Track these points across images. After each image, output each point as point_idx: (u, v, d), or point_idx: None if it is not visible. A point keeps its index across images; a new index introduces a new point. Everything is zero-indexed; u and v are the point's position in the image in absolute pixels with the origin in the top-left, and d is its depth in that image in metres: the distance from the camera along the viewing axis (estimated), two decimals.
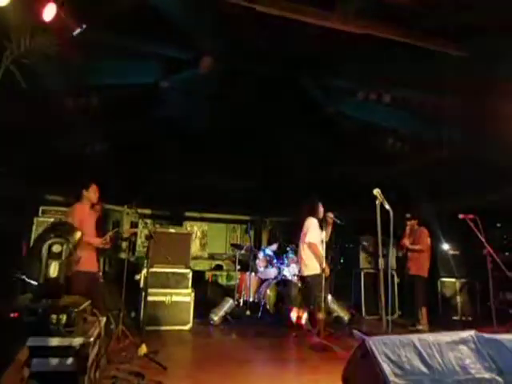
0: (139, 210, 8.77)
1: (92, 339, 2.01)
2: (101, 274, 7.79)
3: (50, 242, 2.22)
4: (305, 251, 5.04)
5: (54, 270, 2.17)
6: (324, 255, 4.83)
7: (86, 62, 5.09)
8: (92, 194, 4.28)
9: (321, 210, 5.16)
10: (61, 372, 1.88)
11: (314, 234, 5.01)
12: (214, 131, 7.19)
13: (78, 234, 2.59)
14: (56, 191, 7.60)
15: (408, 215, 5.86)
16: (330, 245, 6.00)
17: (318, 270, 4.92)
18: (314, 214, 5.11)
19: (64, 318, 1.94)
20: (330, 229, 5.20)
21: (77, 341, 1.92)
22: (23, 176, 6.58)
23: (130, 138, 7.30)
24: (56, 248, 2.21)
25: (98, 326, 2.26)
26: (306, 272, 5.02)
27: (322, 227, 5.13)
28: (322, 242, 4.97)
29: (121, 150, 7.46)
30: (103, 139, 7.18)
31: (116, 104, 6.10)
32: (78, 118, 6.06)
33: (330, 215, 5.08)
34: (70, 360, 1.88)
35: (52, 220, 6.24)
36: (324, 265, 4.86)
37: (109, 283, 6.52)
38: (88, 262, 3.87)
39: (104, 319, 2.41)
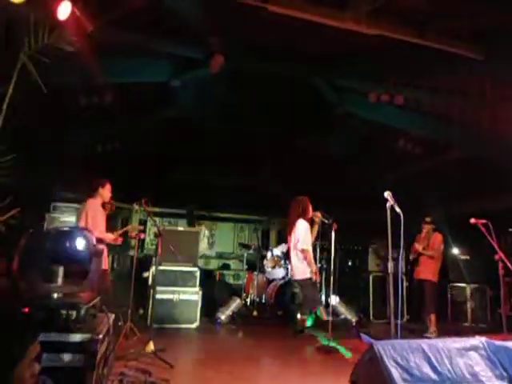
0: (148, 208, 8.82)
1: (101, 336, 2.02)
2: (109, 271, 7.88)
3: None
4: (298, 256, 4.98)
5: None
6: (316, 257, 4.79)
7: (99, 60, 5.14)
8: (107, 192, 4.37)
9: (310, 209, 5.10)
10: (69, 368, 1.89)
11: (307, 239, 4.94)
12: (224, 131, 7.22)
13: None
14: (67, 188, 7.69)
15: (428, 219, 5.72)
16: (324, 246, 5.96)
17: (307, 274, 4.90)
18: (305, 215, 5.04)
19: (74, 314, 1.96)
20: (316, 228, 5.16)
21: (86, 337, 1.93)
22: (35, 171, 6.67)
23: (141, 136, 7.37)
24: None
25: (107, 322, 2.27)
26: (297, 276, 5.00)
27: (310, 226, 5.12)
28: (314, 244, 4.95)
29: (132, 148, 7.53)
30: (115, 137, 7.25)
31: (129, 102, 6.16)
32: (91, 115, 6.13)
33: (318, 215, 5.00)
34: (78, 356, 1.89)
35: (62, 217, 6.33)
36: (315, 270, 4.87)
37: (117, 280, 6.58)
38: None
39: (113, 316, 2.42)
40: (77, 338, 1.92)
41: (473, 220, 4.55)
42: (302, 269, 4.93)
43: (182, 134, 7.39)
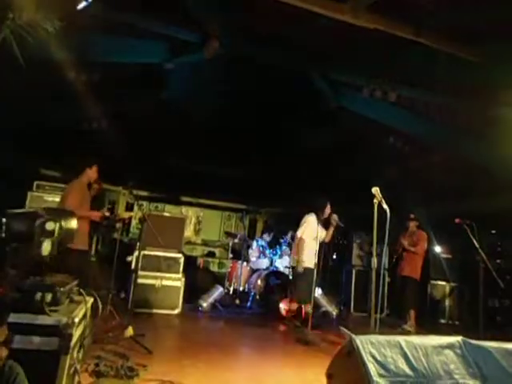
0: (135, 192, 8.72)
1: (77, 319, 1.98)
2: (92, 253, 7.80)
3: (43, 219, 2.16)
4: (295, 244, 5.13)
5: (46, 247, 2.12)
6: (316, 251, 4.82)
7: (90, 37, 5.00)
8: (94, 173, 4.31)
9: (327, 210, 5.18)
10: (42, 351, 1.85)
11: (308, 229, 5.05)
12: (216, 118, 7.13)
13: (74, 222, 2.53)
14: (52, 166, 7.53)
15: (412, 215, 5.86)
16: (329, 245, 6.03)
17: (305, 264, 4.96)
18: (319, 213, 5.12)
19: (49, 296, 1.91)
20: (331, 230, 5.22)
21: (61, 320, 1.89)
22: (18, 148, 6.50)
23: (130, 117, 7.23)
24: (49, 226, 2.16)
25: (85, 305, 2.23)
26: (294, 264, 5.11)
27: (325, 227, 5.17)
28: (317, 238, 4.97)
29: (120, 129, 7.39)
30: (103, 117, 7.09)
31: (119, 82, 6.02)
32: (79, 93, 5.97)
33: (335, 217, 5.09)
34: (52, 339, 1.85)
35: (46, 196, 6.19)
36: (300, 260, 4.93)
37: (100, 263, 6.51)
38: (80, 241, 3.84)
39: (91, 299, 2.38)
40: (51, 320, 1.88)
41: (458, 220, 4.61)
42: (301, 259, 4.98)
43: (172, 119, 7.28)
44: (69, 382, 1.98)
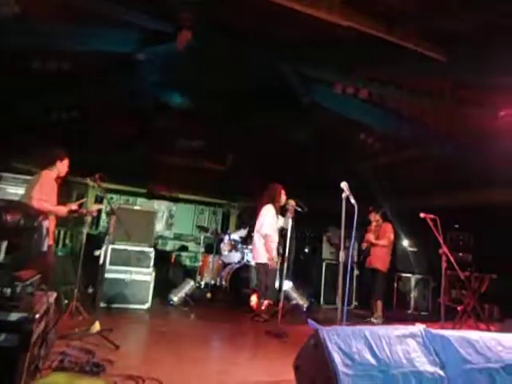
0: (105, 185, 8.46)
1: (38, 315, 1.92)
2: (59, 247, 7.56)
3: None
4: (260, 240, 5.11)
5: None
6: (277, 241, 4.87)
7: (57, 25, 4.81)
8: (64, 166, 4.16)
9: (283, 197, 5.18)
10: (2, 347, 1.78)
11: (269, 224, 5.05)
12: (188, 110, 7.03)
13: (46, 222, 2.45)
14: (18, 158, 7.22)
15: (370, 207, 5.98)
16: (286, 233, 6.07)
17: (266, 259, 5.03)
18: (275, 200, 5.11)
19: (8, 291, 1.84)
20: (290, 216, 5.24)
21: (20, 316, 1.82)
22: None
23: (102, 108, 7.03)
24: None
25: (46, 301, 2.16)
26: (257, 259, 5.13)
27: (283, 214, 5.19)
28: (278, 230, 5.04)
29: (90, 120, 7.17)
30: (72, 107, 6.85)
31: (88, 71, 5.83)
32: (46, 82, 5.74)
33: (292, 203, 5.07)
34: (11, 336, 1.79)
35: (9, 188, 5.92)
36: (273, 256, 4.99)
37: (67, 258, 6.32)
38: None
39: (54, 294, 2.31)
40: (10, 316, 1.81)
41: (422, 214, 4.78)
42: (262, 253, 5.00)
43: (145, 110, 7.13)
44: (30, 379, 1.92)
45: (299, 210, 4.99)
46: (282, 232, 5.59)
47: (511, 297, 5.59)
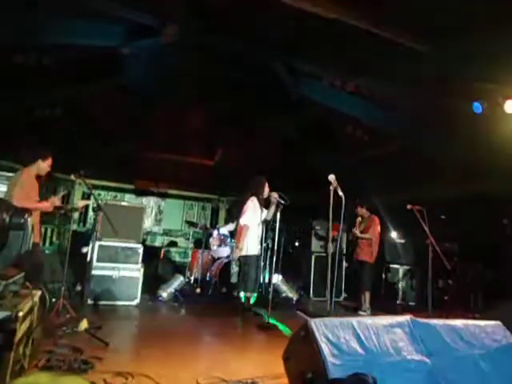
0: (93, 181, 8.36)
1: (21, 313, 1.88)
2: (47, 245, 7.45)
3: None
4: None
5: None
6: (262, 236, 4.86)
7: (39, 17, 4.71)
8: (46, 166, 4.07)
9: (266, 189, 5.17)
10: None
11: (250, 216, 5.02)
12: (176, 106, 6.98)
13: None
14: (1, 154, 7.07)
15: (357, 201, 6.02)
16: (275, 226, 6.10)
17: (250, 251, 5.00)
18: (258, 193, 5.11)
19: None
20: (273, 209, 5.24)
21: (3, 314, 1.79)
22: None
23: (85, 103, 6.92)
24: None
25: (31, 299, 2.13)
26: (240, 253, 5.07)
27: (266, 207, 5.20)
28: (262, 223, 5.04)
29: (75, 115, 7.06)
30: (56, 103, 6.72)
31: (72, 66, 5.72)
32: (27, 77, 5.61)
33: (275, 195, 5.03)
34: None
35: None
36: (240, 247, 4.97)
37: (54, 255, 6.24)
38: None
39: (39, 292, 2.27)
40: None
41: (409, 206, 4.84)
42: (245, 246, 4.99)
43: (132, 105, 7.04)
44: (14, 378, 1.89)
45: (282, 202, 4.98)
46: (269, 225, 5.59)
47: (496, 285, 5.70)
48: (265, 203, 5.18)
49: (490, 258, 6.10)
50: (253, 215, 5.00)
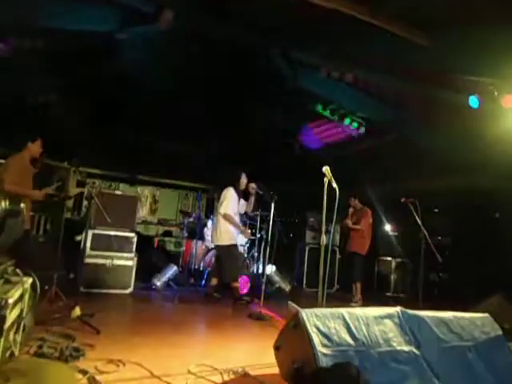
0: (88, 170, 8.31)
1: (11, 300, 1.88)
2: (40, 233, 7.41)
3: None
4: (220, 222, 5.11)
5: None
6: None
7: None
8: (37, 147, 4.06)
9: (244, 181, 5.21)
10: None
11: (229, 205, 5.07)
12: (174, 95, 6.89)
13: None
14: None
15: (352, 197, 6.07)
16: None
17: (232, 241, 5.07)
18: (236, 185, 5.14)
19: None
20: (252, 199, 5.27)
21: None
22: None
23: (80, 89, 6.81)
24: None
25: (22, 286, 2.12)
26: (220, 242, 5.12)
27: (246, 198, 5.22)
28: (239, 213, 5.11)
29: (70, 102, 6.96)
30: (50, 88, 6.63)
31: (66, 51, 5.62)
32: (20, 62, 5.52)
33: (253, 186, 5.12)
34: None
35: None
36: (243, 230, 5.15)
37: (48, 243, 6.21)
38: None
39: (30, 280, 2.26)
40: None
41: (403, 199, 4.85)
42: (226, 236, 5.02)
43: (128, 93, 6.94)
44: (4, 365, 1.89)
45: (261, 193, 5.02)
46: (264, 216, 5.60)
47: (486, 278, 5.77)
48: (244, 194, 5.22)
49: (482, 252, 6.16)
50: (231, 204, 5.04)
